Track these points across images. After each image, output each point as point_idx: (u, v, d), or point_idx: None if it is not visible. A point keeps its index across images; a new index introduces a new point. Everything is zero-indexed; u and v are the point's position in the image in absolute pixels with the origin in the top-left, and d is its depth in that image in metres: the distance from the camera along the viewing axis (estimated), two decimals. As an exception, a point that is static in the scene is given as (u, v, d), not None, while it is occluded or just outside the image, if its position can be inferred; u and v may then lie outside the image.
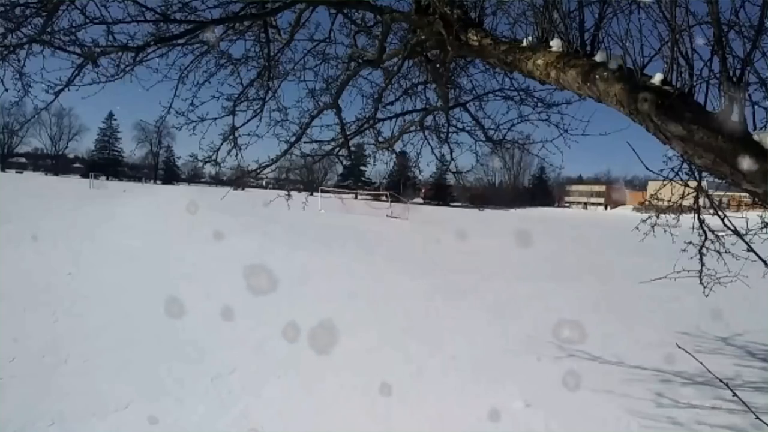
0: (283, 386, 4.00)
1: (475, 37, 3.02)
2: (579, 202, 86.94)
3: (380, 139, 5.03)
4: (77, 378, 3.86)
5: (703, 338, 6.00)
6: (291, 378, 4.15)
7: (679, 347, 2.20)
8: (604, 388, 4.25)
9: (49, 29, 3.38)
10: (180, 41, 3.84)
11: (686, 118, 1.85)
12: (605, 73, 2.13)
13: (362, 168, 56.10)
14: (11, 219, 13.08)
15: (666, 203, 3.88)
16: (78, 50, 3.45)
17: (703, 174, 3.40)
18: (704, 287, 4.08)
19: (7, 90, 3.59)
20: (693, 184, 3.54)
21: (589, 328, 6.41)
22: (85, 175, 68.32)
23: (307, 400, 3.78)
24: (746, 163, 1.69)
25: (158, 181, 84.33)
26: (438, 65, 3.94)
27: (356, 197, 59.33)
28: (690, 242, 4.11)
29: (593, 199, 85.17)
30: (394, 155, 5.42)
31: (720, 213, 3.32)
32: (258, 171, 4.66)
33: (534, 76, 2.65)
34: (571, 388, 4.25)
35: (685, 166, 3.31)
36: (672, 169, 3.31)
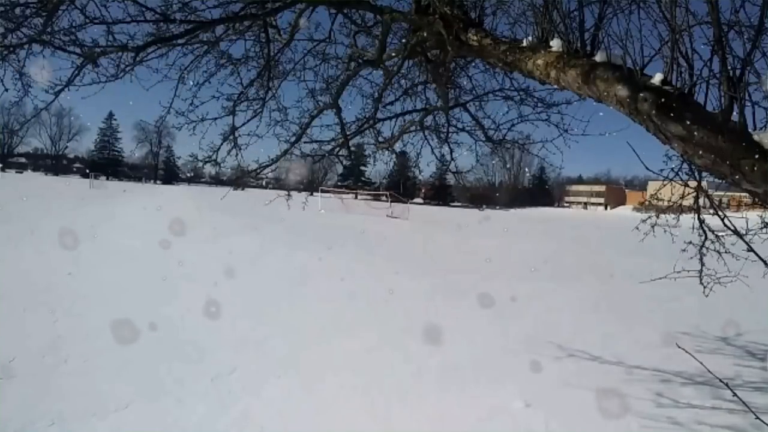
0: (283, 386, 4.00)
1: (475, 37, 3.02)
2: (579, 202, 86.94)
3: (380, 139, 5.03)
4: (77, 378, 3.86)
5: (703, 338, 6.00)
6: (291, 378, 4.15)
7: (679, 347, 2.19)
8: (604, 388, 4.25)
9: (49, 29, 3.38)
10: (180, 41, 3.84)
11: (686, 118, 1.85)
12: (605, 73, 2.14)
13: (362, 168, 56.14)
14: (11, 219, 13.08)
15: (666, 203, 3.88)
16: (78, 50, 3.45)
17: (703, 174, 3.40)
18: (704, 287, 4.07)
19: (7, 90, 3.59)
20: (693, 184, 3.54)
21: (589, 328, 6.42)
22: (85, 175, 68.30)
23: (307, 400, 3.78)
24: (746, 163, 1.69)
25: (158, 181, 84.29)
26: (438, 65, 3.94)
27: (356, 197, 59.31)
28: (690, 242, 4.10)
29: (593, 199, 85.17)
30: (394, 155, 5.43)
31: (720, 213, 3.32)
32: (258, 171, 4.66)
33: (534, 76, 2.65)
34: (571, 388, 4.25)
35: (685, 166, 3.31)
36: (672, 169, 3.30)
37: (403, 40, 4.03)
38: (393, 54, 3.88)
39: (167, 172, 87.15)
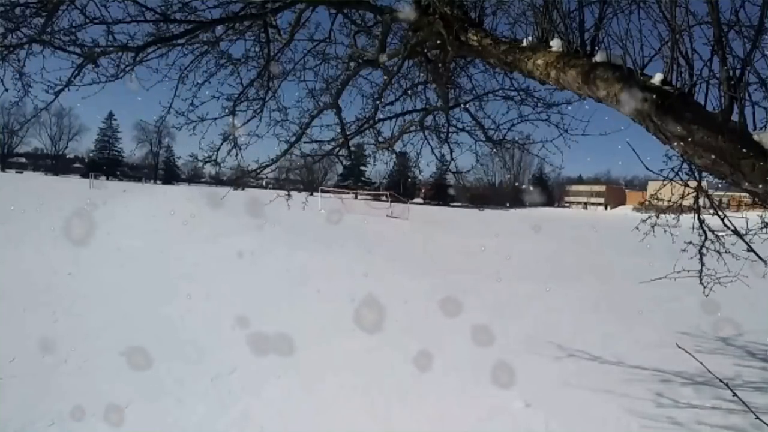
0: (283, 386, 4.00)
1: (475, 37, 3.02)
2: (579, 202, 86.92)
3: (380, 139, 5.02)
4: (77, 378, 3.86)
5: (703, 338, 6.00)
6: (291, 378, 4.15)
7: (679, 347, 2.19)
8: (604, 388, 4.25)
9: (49, 29, 3.39)
10: (180, 41, 3.85)
11: (686, 118, 1.85)
12: (605, 73, 2.14)
13: (362, 168, 56.19)
14: (11, 219, 13.08)
15: (666, 203, 3.88)
16: (78, 50, 3.45)
17: (703, 174, 3.40)
18: (704, 287, 4.07)
19: (7, 90, 3.60)
20: (693, 184, 3.54)
21: (589, 328, 6.41)
22: (85, 175, 68.29)
23: (307, 400, 3.78)
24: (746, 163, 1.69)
25: (158, 181, 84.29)
26: (438, 65, 3.94)
27: (356, 197, 59.30)
28: (690, 242, 4.10)
29: (593, 199, 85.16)
30: (394, 155, 5.42)
31: (720, 213, 3.32)
32: (258, 171, 4.66)
33: (534, 76, 2.65)
34: (571, 388, 4.25)
35: (685, 166, 3.31)
36: (672, 169, 3.30)
37: (405, 39, 4.02)
38: (393, 54, 3.87)
39: (167, 172, 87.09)
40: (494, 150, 5.30)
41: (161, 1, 3.60)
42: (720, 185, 3.72)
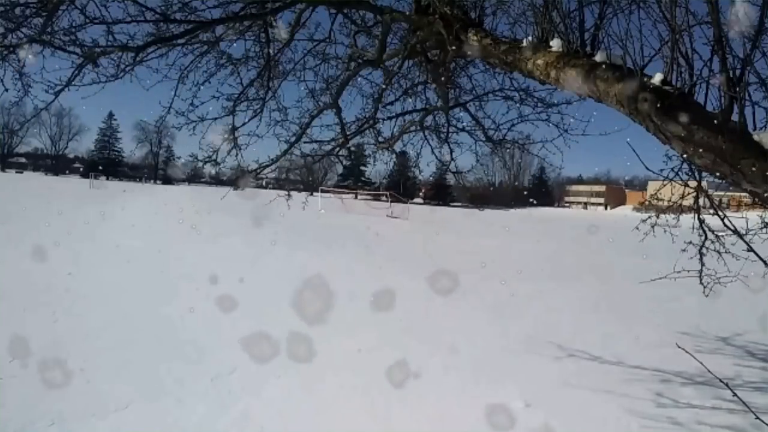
0: (283, 386, 4.00)
1: (475, 37, 3.02)
2: (579, 202, 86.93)
3: (380, 139, 5.03)
4: (77, 378, 3.86)
5: (703, 338, 6.00)
6: (291, 378, 4.15)
7: (679, 347, 2.19)
8: (604, 388, 4.25)
9: (49, 29, 3.39)
10: (180, 41, 3.85)
11: (686, 118, 1.85)
12: (605, 73, 2.14)
13: (362, 168, 56.30)
14: (11, 219, 13.07)
15: (666, 203, 3.88)
16: (78, 50, 3.45)
17: (703, 174, 3.40)
18: (704, 287, 4.07)
19: (7, 90, 3.60)
20: (693, 184, 3.54)
21: (589, 328, 6.41)
22: (85, 175, 68.38)
23: (307, 400, 3.78)
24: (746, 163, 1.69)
25: (158, 181, 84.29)
26: (438, 65, 3.94)
27: (356, 197, 59.25)
28: (690, 242, 4.10)
29: (593, 199, 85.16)
30: (394, 155, 5.43)
31: (720, 213, 3.32)
32: (258, 171, 4.66)
33: (534, 76, 2.65)
34: (571, 388, 4.25)
35: (685, 166, 3.30)
36: (672, 169, 3.30)
37: (405, 39, 4.02)
38: (393, 54, 3.88)
39: (167, 172, 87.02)
40: (494, 150, 5.30)
41: (161, 1, 3.61)
42: (720, 185, 3.72)
